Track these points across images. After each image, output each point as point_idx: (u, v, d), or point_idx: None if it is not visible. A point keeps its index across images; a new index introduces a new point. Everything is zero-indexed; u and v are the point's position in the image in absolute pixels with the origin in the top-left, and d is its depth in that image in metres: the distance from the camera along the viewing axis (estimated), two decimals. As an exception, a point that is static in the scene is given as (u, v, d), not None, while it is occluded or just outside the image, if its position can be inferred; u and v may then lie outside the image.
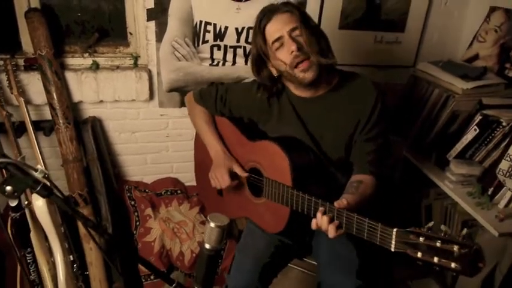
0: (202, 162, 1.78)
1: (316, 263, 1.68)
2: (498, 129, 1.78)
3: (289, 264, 1.88)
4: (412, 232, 0.98)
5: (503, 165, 1.55)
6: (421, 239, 0.95)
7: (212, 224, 1.05)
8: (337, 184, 1.44)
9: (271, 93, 1.47)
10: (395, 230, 1.02)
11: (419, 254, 0.95)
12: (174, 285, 1.10)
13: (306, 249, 1.63)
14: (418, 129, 2.11)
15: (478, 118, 1.83)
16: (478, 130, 1.82)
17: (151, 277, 2.04)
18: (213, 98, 1.63)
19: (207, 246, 1.07)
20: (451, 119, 1.96)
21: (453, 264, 0.89)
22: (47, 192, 0.96)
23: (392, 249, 1.03)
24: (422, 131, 2.09)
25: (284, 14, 1.32)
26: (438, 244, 0.91)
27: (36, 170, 0.95)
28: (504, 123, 1.76)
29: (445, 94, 1.99)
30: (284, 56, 1.33)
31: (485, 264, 0.88)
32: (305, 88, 1.41)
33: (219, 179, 1.55)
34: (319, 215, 1.19)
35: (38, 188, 0.94)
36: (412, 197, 2.16)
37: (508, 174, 1.54)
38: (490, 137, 1.80)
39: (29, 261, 1.51)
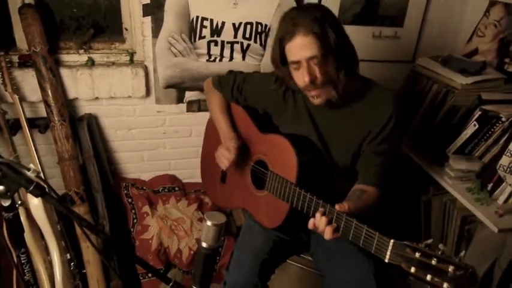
0: (209, 150, 1.76)
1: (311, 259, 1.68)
2: (497, 124, 1.76)
3: (287, 261, 1.88)
4: (408, 246, 0.97)
5: (504, 160, 1.54)
6: (417, 254, 0.94)
7: (209, 223, 1.04)
8: (339, 190, 1.42)
9: (287, 87, 1.45)
10: (392, 241, 1.02)
11: (412, 269, 0.95)
12: (171, 284, 1.09)
13: (304, 246, 1.63)
14: (418, 124, 2.09)
15: (477, 113, 1.82)
16: (477, 125, 1.81)
17: (149, 275, 2.02)
18: (230, 86, 1.63)
19: (204, 244, 1.06)
20: (451, 114, 1.94)
21: (445, 285, 0.88)
22: (40, 191, 0.94)
23: (386, 260, 1.02)
24: (422, 126, 2.08)
25: (306, 38, 1.23)
26: (433, 262, 0.91)
27: (28, 169, 0.94)
28: (504, 119, 1.74)
29: (444, 89, 1.97)
30: (298, 79, 1.31)
31: None
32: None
33: (225, 153, 1.50)
34: (318, 215, 1.17)
35: (31, 188, 0.93)
36: (412, 193, 2.15)
37: (508, 170, 1.53)
38: (490, 132, 1.79)
39: (23, 261, 1.49)
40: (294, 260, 1.92)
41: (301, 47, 1.24)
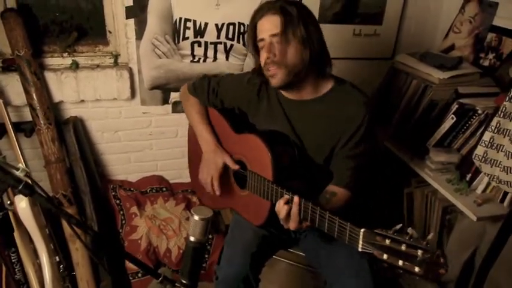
0: (195, 152, 1.78)
1: (303, 254, 1.71)
2: (474, 117, 1.82)
3: (275, 257, 1.90)
4: (378, 234, 0.99)
5: (479, 150, 1.60)
6: (387, 242, 0.96)
7: (196, 217, 1.07)
8: (319, 182, 1.45)
9: (261, 82, 1.50)
10: (362, 230, 1.04)
11: (385, 256, 0.97)
12: (160, 279, 1.11)
13: (292, 240, 1.66)
14: (398, 119, 2.15)
15: (454, 107, 1.88)
16: (455, 118, 1.87)
17: (139, 275, 2.04)
18: (206, 90, 1.65)
19: (192, 238, 1.09)
20: (429, 108, 2.00)
21: (416, 269, 0.90)
22: (29, 190, 0.96)
23: (360, 249, 1.05)
24: (402, 121, 2.13)
25: (273, 16, 1.32)
26: (403, 248, 0.93)
27: (17, 169, 0.95)
28: (480, 111, 1.81)
29: (422, 84, 2.03)
30: (261, 57, 1.37)
31: (447, 270, 0.90)
32: (283, 89, 1.44)
33: (210, 184, 1.57)
34: (281, 202, 1.25)
35: (20, 187, 0.94)
36: (395, 186, 2.20)
37: (483, 159, 1.58)
38: (467, 125, 1.85)
39: (13, 260, 1.50)
40: (282, 256, 1.95)
41: (267, 24, 1.33)
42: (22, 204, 1.67)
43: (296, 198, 1.23)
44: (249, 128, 1.56)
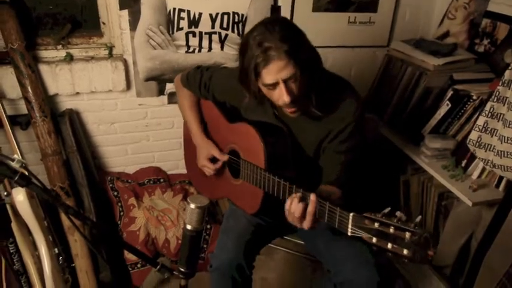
0: (189, 143, 1.79)
1: (302, 242, 1.72)
2: (469, 103, 1.83)
3: (273, 245, 1.92)
4: (367, 217, 1.00)
5: (473, 135, 1.61)
6: (376, 225, 0.97)
7: (192, 205, 1.08)
8: (312, 171, 1.45)
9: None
10: (351, 214, 1.04)
11: (374, 240, 0.97)
12: (158, 267, 1.12)
13: (288, 228, 1.67)
14: (394, 106, 2.16)
15: (449, 93, 1.89)
16: (450, 105, 1.88)
17: (138, 265, 2.05)
18: (197, 84, 1.64)
19: (189, 227, 1.10)
20: (425, 95, 2.01)
21: (405, 251, 0.90)
22: (25, 181, 0.96)
23: (349, 233, 1.05)
24: (398, 108, 2.14)
25: (280, 61, 1.20)
26: (391, 230, 0.93)
27: (13, 160, 0.96)
28: (474, 97, 1.81)
29: (417, 71, 2.03)
30: (276, 99, 1.29)
31: (435, 252, 0.90)
32: None
33: (205, 168, 1.64)
34: (295, 200, 1.18)
35: (16, 178, 0.95)
36: (391, 173, 2.22)
37: (477, 144, 1.59)
38: (462, 111, 1.86)
39: (12, 251, 1.51)
40: (280, 245, 1.97)
41: (277, 71, 1.21)
42: (20, 196, 1.66)
43: (313, 196, 1.16)
44: (242, 118, 1.55)
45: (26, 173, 0.97)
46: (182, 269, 1.14)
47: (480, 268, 1.75)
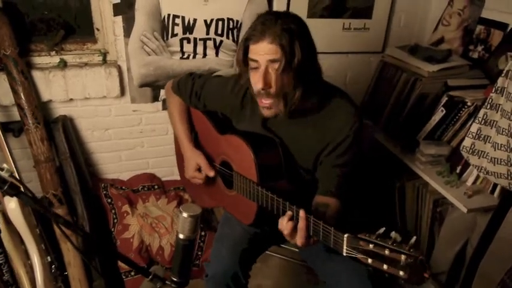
0: (180, 151, 1.78)
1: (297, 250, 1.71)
2: (463, 109, 1.83)
3: (269, 252, 1.91)
4: (362, 239, 0.99)
5: (466, 142, 1.60)
6: (371, 246, 0.96)
7: (185, 214, 1.06)
8: (306, 182, 1.44)
9: (246, 91, 1.43)
10: (346, 235, 1.03)
11: (369, 261, 0.97)
12: (150, 277, 1.11)
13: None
14: (388, 112, 2.16)
15: (444, 99, 1.89)
16: (444, 111, 1.88)
17: (132, 273, 2.03)
18: (189, 92, 1.60)
19: (181, 236, 1.08)
20: (419, 101, 2.01)
21: (401, 273, 0.90)
22: (15, 191, 0.95)
23: (344, 254, 1.04)
24: (393, 114, 2.14)
25: (270, 45, 1.18)
26: (387, 252, 0.93)
27: (2, 169, 0.94)
28: (469, 103, 1.82)
29: (412, 77, 2.03)
30: (253, 81, 1.27)
31: (430, 274, 0.91)
32: None
33: (194, 179, 1.62)
34: (285, 219, 1.18)
35: (5, 187, 0.93)
36: (386, 180, 2.21)
37: (471, 150, 1.59)
38: (457, 117, 1.86)
39: (1, 262, 1.49)
40: (276, 251, 1.95)
41: (263, 51, 1.20)
42: (11, 204, 1.65)
43: (302, 213, 1.15)
44: (233, 129, 1.52)
45: (16, 183, 0.95)
46: (175, 279, 1.13)
47: (475, 275, 1.75)
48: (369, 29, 2.31)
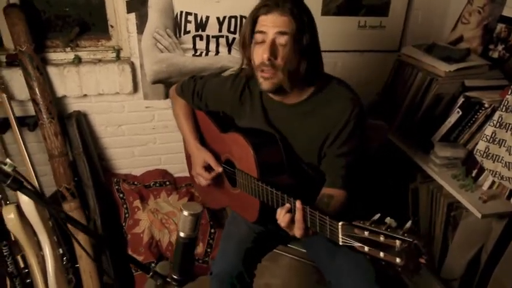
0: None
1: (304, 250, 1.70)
2: (481, 110, 1.77)
3: (278, 251, 1.89)
4: (356, 226, 0.96)
5: (481, 145, 1.55)
6: (366, 233, 0.93)
7: (185, 213, 1.06)
8: (309, 177, 1.42)
9: (245, 85, 1.44)
10: (340, 223, 1.01)
11: (366, 249, 0.93)
12: (150, 274, 1.12)
13: (291, 236, 1.64)
14: (403, 113, 2.11)
15: (460, 100, 1.83)
16: (461, 112, 1.82)
17: (141, 268, 2.05)
18: (191, 93, 1.63)
19: (182, 234, 1.08)
20: (435, 102, 1.95)
21: (398, 260, 0.86)
22: (17, 185, 0.96)
23: (340, 243, 1.01)
24: (408, 114, 2.09)
25: (281, 17, 1.21)
26: (382, 239, 0.89)
27: (5, 164, 0.96)
28: (486, 105, 1.76)
29: (428, 77, 1.98)
30: (257, 55, 1.27)
31: (427, 259, 0.86)
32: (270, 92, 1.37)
33: (199, 177, 1.61)
34: (282, 212, 1.18)
35: (8, 182, 0.95)
36: (400, 181, 2.17)
37: (485, 154, 1.54)
38: (473, 119, 1.80)
39: (5, 253, 1.53)
40: (284, 251, 1.94)
41: (273, 22, 1.21)
42: (25, 198, 1.68)
43: (298, 204, 1.15)
44: (235, 127, 1.53)
45: (18, 177, 0.97)
46: (175, 276, 1.13)
47: (489, 282, 1.70)
48: (385, 27, 2.26)
